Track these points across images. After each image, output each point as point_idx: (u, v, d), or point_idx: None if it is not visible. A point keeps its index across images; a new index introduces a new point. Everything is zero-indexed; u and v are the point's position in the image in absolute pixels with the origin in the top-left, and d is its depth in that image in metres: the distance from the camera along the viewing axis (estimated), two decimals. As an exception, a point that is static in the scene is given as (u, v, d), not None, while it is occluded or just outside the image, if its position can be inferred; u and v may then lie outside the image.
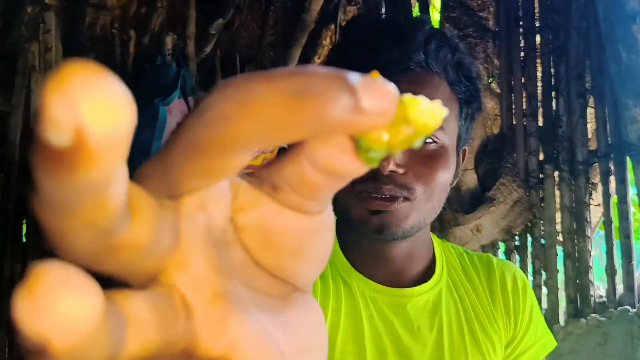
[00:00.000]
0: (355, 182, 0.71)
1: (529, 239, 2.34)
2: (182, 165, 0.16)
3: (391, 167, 0.70)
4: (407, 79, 0.72)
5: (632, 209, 2.22)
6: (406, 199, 0.71)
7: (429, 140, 0.73)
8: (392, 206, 0.71)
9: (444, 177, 0.75)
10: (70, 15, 2.00)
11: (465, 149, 0.84)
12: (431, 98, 0.64)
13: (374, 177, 0.71)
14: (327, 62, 0.84)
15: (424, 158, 0.73)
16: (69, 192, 0.13)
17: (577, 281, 2.22)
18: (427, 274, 0.83)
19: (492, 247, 2.30)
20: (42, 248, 1.79)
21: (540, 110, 2.38)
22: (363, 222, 0.73)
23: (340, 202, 0.74)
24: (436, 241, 0.88)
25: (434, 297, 0.81)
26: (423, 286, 0.81)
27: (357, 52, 0.74)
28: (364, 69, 0.61)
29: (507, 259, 2.32)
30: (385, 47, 0.72)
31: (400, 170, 0.71)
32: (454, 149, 0.77)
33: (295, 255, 0.20)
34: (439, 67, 0.74)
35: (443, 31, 0.77)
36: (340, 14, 2.69)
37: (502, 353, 0.82)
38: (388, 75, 0.70)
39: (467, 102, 0.78)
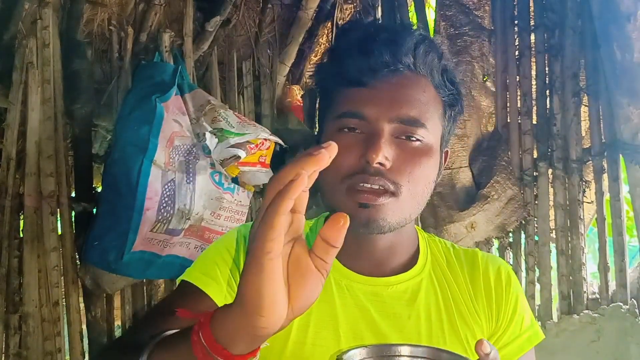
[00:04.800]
0: (344, 177, 0.75)
1: (523, 236, 2.36)
2: None
3: (380, 159, 0.73)
4: (397, 80, 0.76)
5: (625, 206, 2.24)
6: (392, 194, 0.75)
7: (413, 138, 0.76)
8: (380, 200, 0.74)
9: (428, 175, 0.78)
10: (67, 12, 2.00)
11: (447, 150, 0.88)
12: (418, 98, 0.77)
13: (362, 170, 0.74)
14: (321, 62, 0.87)
15: (409, 155, 0.76)
16: None
17: (571, 278, 2.24)
18: (408, 265, 0.86)
19: (486, 243, 2.32)
20: (39, 243, 1.80)
21: (535, 109, 2.39)
22: (351, 217, 0.75)
23: (330, 199, 0.78)
24: (422, 235, 0.92)
25: (413, 287, 0.84)
26: (401, 276, 0.85)
27: (351, 54, 0.77)
28: (356, 69, 0.65)
29: (500, 255, 2.34)
30: (377, 50, 0.75)
31: (387, 165, 0.74)
32: (437, 148, 0.81)
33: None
34: (425, 70, 0.79)
35: (431, 38, 0.82)
36: (336, 11, 2.70)
37: None
38: (379, 75, 0.73)
39: (450, 105, 0.83)
